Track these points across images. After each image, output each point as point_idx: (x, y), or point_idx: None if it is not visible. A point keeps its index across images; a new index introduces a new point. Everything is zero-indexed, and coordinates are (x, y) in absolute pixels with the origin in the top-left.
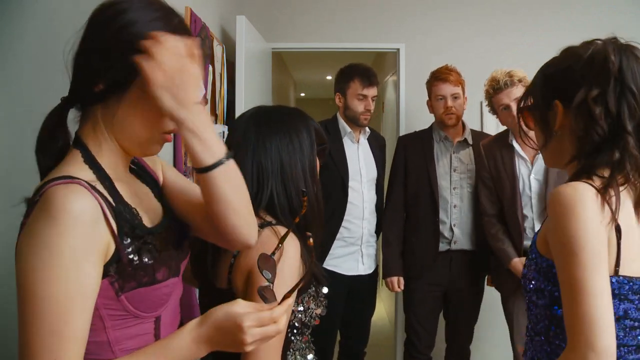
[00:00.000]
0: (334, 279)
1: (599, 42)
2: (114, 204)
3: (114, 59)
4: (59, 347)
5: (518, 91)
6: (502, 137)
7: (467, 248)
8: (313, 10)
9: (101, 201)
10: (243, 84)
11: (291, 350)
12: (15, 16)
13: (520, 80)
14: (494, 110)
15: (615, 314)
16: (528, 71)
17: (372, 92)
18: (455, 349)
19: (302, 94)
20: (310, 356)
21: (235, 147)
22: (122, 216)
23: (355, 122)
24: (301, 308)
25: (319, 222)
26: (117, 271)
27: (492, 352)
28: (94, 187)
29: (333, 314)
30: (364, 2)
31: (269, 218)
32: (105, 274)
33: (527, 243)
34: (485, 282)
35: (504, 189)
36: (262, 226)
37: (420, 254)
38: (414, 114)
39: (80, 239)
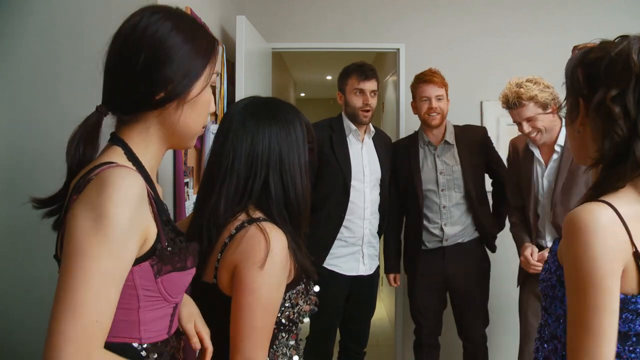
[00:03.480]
0: (334, 279)
1: (631, 37)
2: (152, 193)
3: (181, 69)
4: (92, 326)
5: (528, 111)
6: (525, 139)
7: (459, 241)
8: (313, 10)
9: (147, 186)
10: (243, 84)
11: (274, 347)
12: (15, 16)
13: (531, 98)
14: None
15: None
16: (529, 71)
17: (369, 85)
18: (469, 335)
19: (302, 94)
20: (295, 357)
21: (226, 133)
22: (160, 205)
23: (355, 119)
24: (288, 304)
25: (306, 216)
26: (157, 254)
27: (502, 341)
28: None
29: (333, 314)
30: (364, 2)
31: (257, 214)
32: (148, 257)
33: (540, 241)
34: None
35: (522, 188)
36: (249, 222)
37: (411, 253)
38: (414, 114)
39: (132, 214)
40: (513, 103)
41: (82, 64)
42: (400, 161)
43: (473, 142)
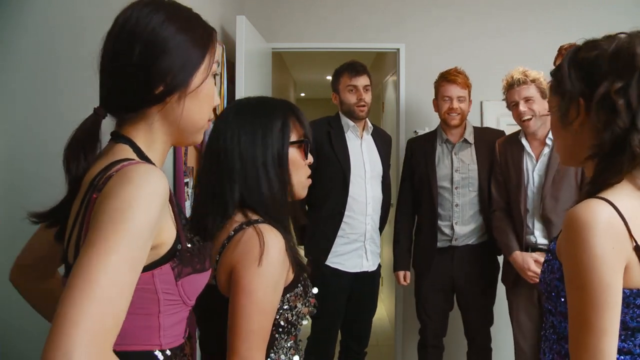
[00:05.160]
0: (337, 277)
1: (622, 35)
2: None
3: (178, 60)
4: (106, 317)
5: (529, 91)
6: (514, 135)
7: (469, 243)
8: (313, 10)
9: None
10: (243, 84)
11: (274, 349)
12: (15, 16)
13: (533, 81)
14: (508, 106)
15: None
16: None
17: (361, 81)
18: (474, 336)
19: (302, 94)
20: (296, 358)
21: (211, 133)
22: (178, 205)
23: (351, 115)
24: (286, 306)
25: (286, 211)
26: (177, 256)
27: (502, 340)
28: None
29: (335, 313)
30: (364, 2)
31: (255, 216)
32: (168, 259)
33: (529, 237)
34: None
35: (511, 183)
36: (247, 224)
37: (423, 252)
38: (414, 114)
39: (156, 214)
40: (518, 79)
41: (81, 64)
42: (416, 157)
43: (491, 143)
